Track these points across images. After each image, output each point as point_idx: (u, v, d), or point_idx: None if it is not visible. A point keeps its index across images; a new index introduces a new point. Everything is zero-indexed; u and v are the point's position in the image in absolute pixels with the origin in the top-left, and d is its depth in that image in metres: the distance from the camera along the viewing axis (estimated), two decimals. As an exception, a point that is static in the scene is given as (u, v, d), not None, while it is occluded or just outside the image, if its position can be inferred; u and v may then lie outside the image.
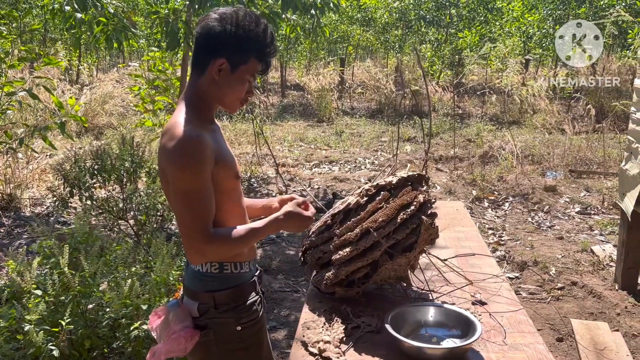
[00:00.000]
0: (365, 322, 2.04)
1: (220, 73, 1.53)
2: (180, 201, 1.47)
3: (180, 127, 1.48)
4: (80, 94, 11.09)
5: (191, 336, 1.55)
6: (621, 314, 3.58)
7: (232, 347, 1.60)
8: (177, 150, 1.45)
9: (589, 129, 9.37)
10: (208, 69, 1.54)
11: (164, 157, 1.49)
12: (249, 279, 1.66)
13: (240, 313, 1.59)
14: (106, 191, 3.40)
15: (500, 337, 1.97)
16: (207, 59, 1.54)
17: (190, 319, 1.59)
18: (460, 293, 2.31)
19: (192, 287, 1.62)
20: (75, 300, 2.17)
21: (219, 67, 1.52)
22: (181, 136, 1.46)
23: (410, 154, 8.44)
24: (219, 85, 1.55)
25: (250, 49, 1.54)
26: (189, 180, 1.46)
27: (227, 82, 1.54)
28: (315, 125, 11.11)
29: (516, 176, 6.80)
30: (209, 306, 1.58)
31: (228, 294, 1.59)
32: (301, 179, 7.04)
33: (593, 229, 5.30)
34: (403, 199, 2.13)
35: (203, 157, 1.47)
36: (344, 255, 2.06)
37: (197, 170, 1.46)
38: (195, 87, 1.58)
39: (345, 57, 16.80)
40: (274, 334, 3.43)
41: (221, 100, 1.58)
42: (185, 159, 1.45)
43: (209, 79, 1.55)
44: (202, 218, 1.48)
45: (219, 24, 1.51)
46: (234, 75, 1.53)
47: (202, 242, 1.47)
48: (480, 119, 11.56)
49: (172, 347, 1.53)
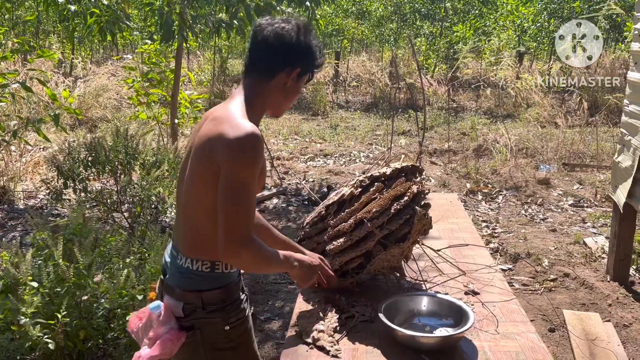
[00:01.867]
0: (359, 311, 2.06)
1: (291, 81, 1.58)
2: (233, 195, 1.43)
3: (243, 120, 1.48)
4: (74, 86, 11.04)
5: (177, 338, 1.51)
6: (612, 304, 3.62)
7: (220, 347, 1.59)
8: (242, 142, 1.43)
9: (582, 122, 9.41)
10: (280, 75, 1.57)
11: (223, 145, 1.44)
12: (235, 279, 1.66)
13: (229, 312, 1.58)
14: (100, 183, 3.39)
15: (493, 326, 1.99)
16: (281, 66, 1.56)
17: (174, 320, 1.56)
18: (454, 283, 2.33)
19: (177, 285, 1.58)
20: (71, 291, 2.17)
21: (293, 75, 1.57)
22: (248, 130, 1.45)
23: (405, 147, 8.46)
24: (286, 92, 1.60)
25: (313, 61, 1.62)
26: (247, 175, 1.44)
27: (292, 91, 1.61)
28: (310, 119, 11.11)
29: (510, 169, 6.83)
30: (195, 306, 1.55)
31: (217, 294, 1.57)
32: (296, 172, 7.05)
33: (586, 221, 5.34)
34: (397, 189, 2.14)
35: (261, 157, 1.48)
36: (338, 246, 2.08)
37: (255, 167, 1.46)
38: (259, 90, 1.59)
39: (340, 50, 16.77)
40: (269, 325, 3.45)
41: (278, 106, 1.64)
42: (250, 153, 1.44)
43: (278, 85, 1.58)
44: (250, 219, 1.46)
45: (295, 34, 1.56)
46: (297, 85, 1.60)
47: (244, 244, 1.44)
48: (474, 113, 11.59)
49: (159, 351, 1.49)
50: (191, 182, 1.55)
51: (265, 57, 1.57)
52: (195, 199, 1.54)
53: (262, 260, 1.52)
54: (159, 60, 6.41)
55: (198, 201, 1.53)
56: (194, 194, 1.54)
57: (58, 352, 2.51)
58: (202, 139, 1.51)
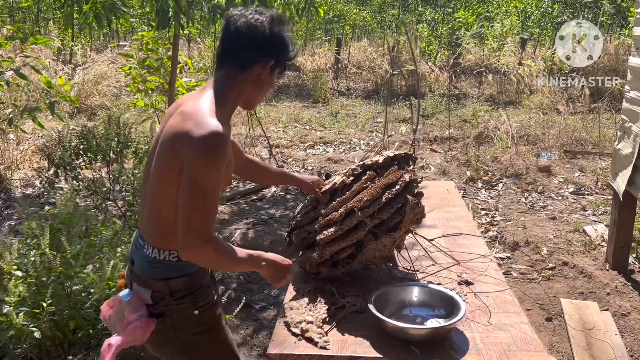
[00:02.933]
0: (349, 302, 2.03)
1: (265, 73, 1.55)
2: (194, 193, 1.43)
3: (209, 117, 1.45)
4: (74, 74, 10.98)
5: (147, 325, 1.54)
6: (611, 293, 3.58)
7: (191, 331, 1.61)
8: (206, 141, 1.41)
9: (585, 109, 9.32)
10: (254, 67, 1.53)
11: (187, 143, 1.43)
12: (200, 266, 1.65)
13: (197, 297, 1.60)
14: (92, 171, 3.36)
15: (485, 317, 1.96)
16: (254, 58, 1.53)
17: (145, 308, 1.57)
18: (447, 273, 2.29)
19: (144, 274, 1.59)
20: (58, 281, 2.15)
21: (267, 67, 1.54)
22: (212, 129, 1.42)
23: (405, 135, 8.40)
24: (260, 85, 1.57)
25: (287, 53, 1.58)
26: (209, 175, 1.43)
27: (266, 84, 1.57)
28: (310, 106, 11.04)
29: (510, 157, 6.77)
30: (163, 293, 1.57)
31: (183, 281, 1.58)
32: (295, 160, 7.01)
33: (586, 209, 5.29)
34: (388, 178, 2.10)
35: (225, 157, 1.46)
36: (328, 236, 2.04)
37: (219, 167, 1.44)
38: (231, 83, 1.56)
39: (342, 37, 16.64)
40: (264, 314, 3.43)
41: (251, 98, 1.60)
42: (212, 153, 1.42)
43: (252, 78, 1.55)
44: (209, 217, 1.45)
45: (269, 26, 1.52)
46: (271, 77, 1.57)
47: (202, 241, 1.43)
48: (476, 100, 11.49)
49: (129, 338, 1.52)
50: (156, 175, 1.54)
51: (238, 49, 1.53)
52: (161, 192, 1.54)
53: (222, 259, 1.50)
54: (155, 47, 6.34)
55: (164, 194, 1.53)
56: (159, 186, 1.54)
57: (49, 343, 2.49)
58: (168, 133, 1.50)
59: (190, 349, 1.65)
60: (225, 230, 4.57)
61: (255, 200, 5.52)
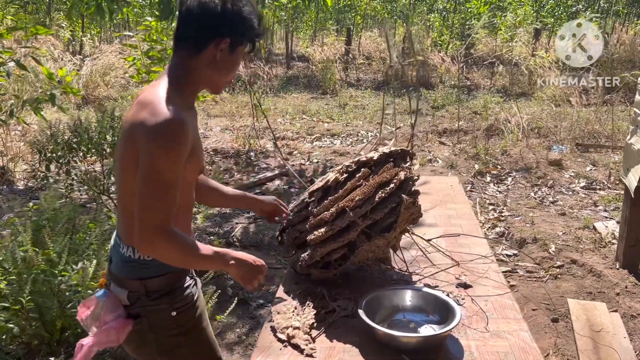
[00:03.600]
0: (340, 305, 1.94)
1: (221, 53, 1.45)
2: (149, 185, 1.36)
3: (165, 105, 1.37)
4: (82, 65, 10.95)
5: (123, 326, 1.47)
6: (621, 293, 3.45)
7: (168, 333, 1.53)
8: (161, 130, 1.34)
9: (599, 101, 9.10)
10: (208, 48, 1.44)
11: (142, 132, 1.37)
12: None
13: (174, 298, 1.52)
14: (86, 165, 3.29)
15: (483, 323, 1.86)
16: (207, 39, 1.44)
17: (122, 308, 1.50)
18: (445, 275, 2.20)
19: (120, 274, 1.52)
20: (40, 278, 2.08)
21: (222, 47, 1.44)
22: (167, 116, 1.35)
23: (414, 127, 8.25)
24: (217, 66, 1.46)
25: (247, 30, 1.47)
26: (166, 165, 1.35)
27: (225, 64, 1.47)
28: (319, 98, 10.91)
29: (521, 150, 6.62)
30: (140, 294, 1.50)
31: (160, 281, 1.51)
32: (300, 152, 6.91)
33: (597, 204, 5.14)
34: (382, 176, 2.00)
35: (185, 145, 1.37)
36: (319, 236, 1.95)
37: (175, 155, 1.36)
38: (188, 67, 1.47)
39: (352, 27, 16.44)
40: (261, 311, 3.36)
41: (213, 82, 1.50)
42: (168, 142, 1.34)
43: (207, 59, 1.45)
44: (167, 209, 1.37)
45: (221, 2, 1.43)
46: (232, 57, 1.46)
47: (158, 234, 1.35)
48: (488, 91, 11.30)
49: (102, 339, 1.45)
50: (120, 170, 1.47)
51: (191, 30, 1.45)
52: (126, 186, 1.46)
53: (181, 254, 1.41)
54: (160, 37, 6.26)
55: (129, 188, 1.45)
56: (124, 180, 1.46)
57: (36, 341, 2.44)
58: (126, 125, 1.44)
59: (169, 351, 1.58)
60: (226, 225, 4.50)
61: (258, 193, 5.44)
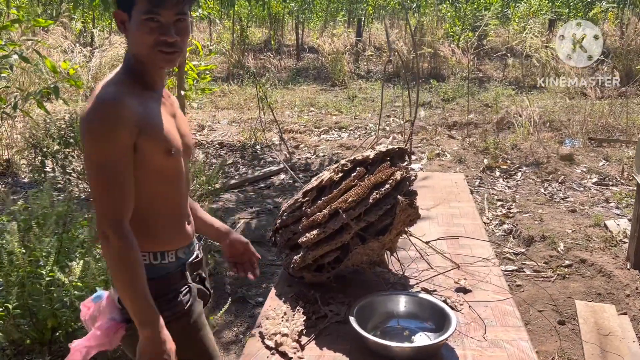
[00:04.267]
0: (333, 310, 1.87)
1: (125, 26, 1.35)
2: (91, 175, 1.31)
3: (101, 89, 1.32)
4: (92, 56, 10.92)
5: (115, 330, 1.40)
6: (631, 295, 3.35)
7: None
8: (89, 114, 1.29)
9: (614, 93, 8.90)
10: (124, 21, 1.36)
11: (80, 121, 1.34)
12: (173, 270, 1.48)
13: (161, 306, 1.40)
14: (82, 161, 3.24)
15: (481, 331, 1.78)
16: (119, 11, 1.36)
17: (117, 311, 1.43)
18: (443, 279, 2.12)
19: None
20: (28, 280, 2.04)
21: (120, 20, 1.35)
22: (97, 99, 1.29)
23: (423, 120, 8.14)
24: (130, 40, 1.37)
25: None
26: (100, 150, 1.28)
27: (132, 34, 1.34)
28: (328, 90, 10.80)
29: (531, 144, 6.48)
30: None
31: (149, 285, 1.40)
32: (307, 146, 6.83)
33: (609, 201, 5.01)
34: (377, 176, 1.92)
35: (117, 124, 1.28)
36: (311, 238, 1.88)
37: (109, 138, 1.27)
38: (127, 49, 1.42)
39: (364, 17, 16.27)
40: (259, 309, 3.29)
41: (140, 56, 1.37)
42: (96, 124, 1.28)
43: (126, 37, 1.38)
44: (114, 199, 1.30)
45: None
46: (133, 23, 1.33)
47: (112, 225, 1.29)
48: (500, 83, 11.11)
49: (95, 342, 1.39)
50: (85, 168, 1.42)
51: None
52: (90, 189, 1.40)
53: (125, 265, 1.30)
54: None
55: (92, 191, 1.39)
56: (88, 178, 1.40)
57: (28, 341, 2.40)
58: None
59: None
60: (228, 220, 4.44)
61: (262, 187, 5.38)
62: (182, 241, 1.54)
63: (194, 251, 1.61)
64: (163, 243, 1.48)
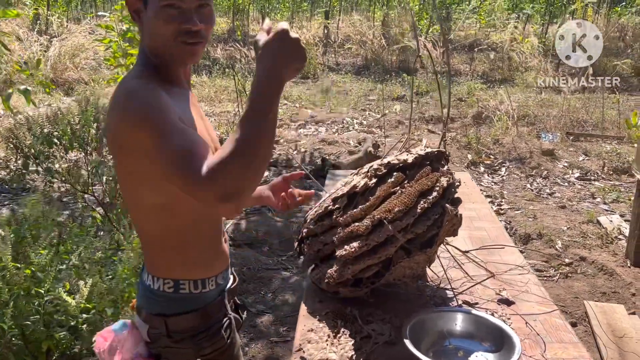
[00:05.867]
0: (376, 330, 1.71)
1: (139, 16, 1.16)
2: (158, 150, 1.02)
3: (127, 83, 1.13)
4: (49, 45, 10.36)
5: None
6: (636, 294, 3.33)
7: None
8: (121, 102, 1.08)
9: (579, 87, 9.01)
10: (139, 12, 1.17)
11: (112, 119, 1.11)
12: (213, 299, 1.31)
13: (201, 343, 1.25)
14: (68, 161, 2.96)
15: (538, 349, 1.65)
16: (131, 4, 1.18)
17: (143, 345, 1.26)
18: (482, 289, 1.99)
19: (142, 305, 1.28)
20: (25, 299, 1.80)
21: (134, 10, 1.17)
22: (123, 90, 1.10)
23: (399, 114, 8.05)
24: (147, 32, 1.17)
25: None
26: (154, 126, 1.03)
27: (148, 24, 1.15)
28: (299, 82, 10.60)
29: (512, 139, 6.48)
30: (160, 332, 1.24)
31: (185, 320, 1.25)
32: (287, 141, 6.63)
33: (595, 196, 5.04)
34: (422, 182, 1.76)
35: (161, 102, 1.06)
36: (352, 252, 1.71)
37: (158, 112, 1.04)
38: (140, 44, 1.21)
39: (329, 9, 16.10)
40: (262, 318, 3.11)
41: (158, 49, 1.17)
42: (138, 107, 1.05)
43: (140, 29, 1.19)
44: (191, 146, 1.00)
45: None
46: (149, 11, 1.14)
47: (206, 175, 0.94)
48: (470, 77, 11.16)
49: None
50: (120, 182, 1.22)
51: None
52: (130, 201, 1.22)
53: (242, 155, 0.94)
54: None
55: (134, 203, 1.21)
56: (127, 196, 1.22)
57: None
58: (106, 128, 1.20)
59: None
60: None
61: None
62: (221, 265, 1.36)
63: (229, 275, 1.43)
64: (204, 268, 1.30)
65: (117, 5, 6.53)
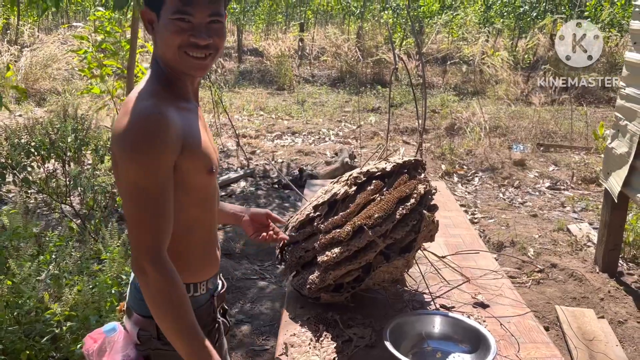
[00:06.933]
0: (357, 333, 1.75)
1: (152, 27, 1.21)
2: (130, 199, 1.14)
3: (138, 101, 1.15)
4: (20, 55, 10.22)
5: None
6: (605, 298, 3.44)
7: None
8: (130, 131, 1.12)
9: (549, 100, 9.27)
10: (153, 22, 1.21)
11: (114, 137, 1.16)
12: (204, 303, 1.35)
13: None
14: (45, 171, 2.94)
15: (512, 349, 1.72)
16: (146, 12, 1.22)
17: (132, 347, 1.28)
18: (459, 293, 2.05)
19: (133, 307, 1.30)
20: (4, 310, 1.79)
21: (148, 20, 1.21)
22: (137, 113, 1.13)
23: (374, 125, 8.16)
24: (158, 43, 1.22)
25: None
26: (142, 172, 1.12)
27: (160, 36, 1.20)
28: (275, 93, 10.65)
29: (484, 150, 6.63)
30: (150, 335, 1.27)
31: None
32: (263, 151, 6.66)
33: (565, 205, 5.18)
34: (401, 190, 1.83)
35: (164, 142, 1.13)
36: (333, 257, 1.75)
37: (153, 157, 1.12)
38: (153, 53, 1.26)
39: (304, 22, 16.23)
40: (241, 327, 3.13)
41: (168, 60, 1.22)
42: (139, 144, 1.11)
43: (153, 40, 1.23)
44: (154, 227, 1.14)
45: None
46: (161, 24, 1.19)
47: (150, 254, 1.13)
48: (443, 89, 11.37)
49: None
50: (119, 190, 1.27)
51: None
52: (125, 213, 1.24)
53: (169, 302, 1.13)
54: (113, 29, 5.85)
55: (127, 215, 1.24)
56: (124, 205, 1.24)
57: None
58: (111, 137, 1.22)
59: None
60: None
61: (223, 196, 5.17)
62: (212, 270, 1.40)
63: (218, 279, 1.47)
64: (196, 273, 1.33)
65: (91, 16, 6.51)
